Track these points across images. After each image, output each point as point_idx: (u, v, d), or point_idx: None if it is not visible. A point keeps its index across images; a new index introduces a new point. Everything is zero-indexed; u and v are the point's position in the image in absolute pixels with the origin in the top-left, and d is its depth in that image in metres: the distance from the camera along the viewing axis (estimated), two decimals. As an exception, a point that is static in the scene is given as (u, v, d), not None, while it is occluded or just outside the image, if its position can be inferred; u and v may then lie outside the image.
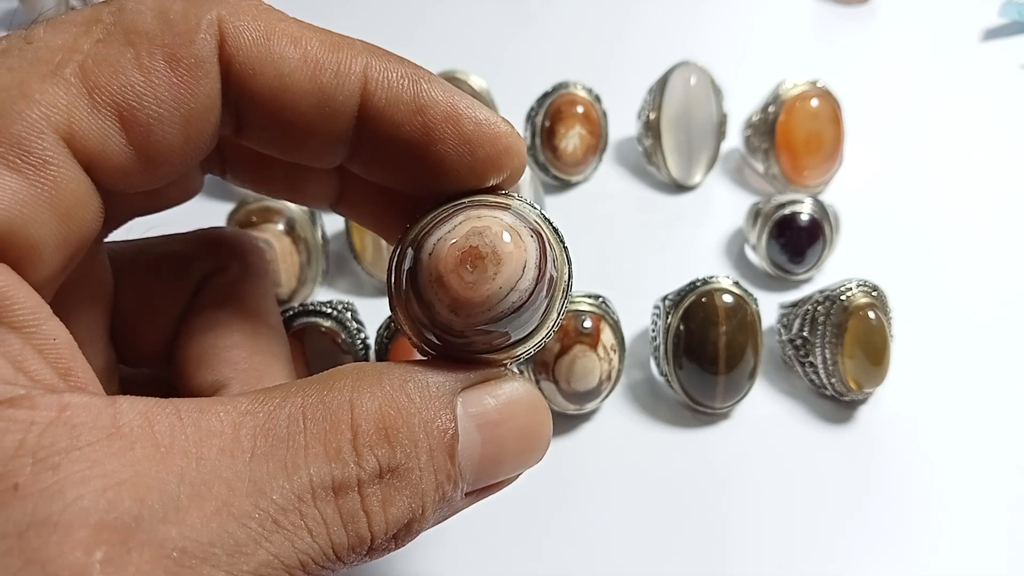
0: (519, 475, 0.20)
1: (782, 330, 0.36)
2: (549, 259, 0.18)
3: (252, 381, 0.22)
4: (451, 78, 0.45)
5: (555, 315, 0.19)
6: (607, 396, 0.34)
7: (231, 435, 0.15)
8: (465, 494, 0.18)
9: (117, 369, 0.23)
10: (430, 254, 0.17)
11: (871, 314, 0.33)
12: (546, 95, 0.45)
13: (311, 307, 0.34)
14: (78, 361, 0.17)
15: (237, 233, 0.26)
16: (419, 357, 0.19)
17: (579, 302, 0.33)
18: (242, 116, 0.19)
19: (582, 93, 0.45)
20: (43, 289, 0.17)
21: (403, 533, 0.17)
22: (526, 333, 0.18)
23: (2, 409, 0.14)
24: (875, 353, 0.33)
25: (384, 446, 0.16)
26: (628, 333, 0.35)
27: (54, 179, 0.16)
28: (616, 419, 0.35)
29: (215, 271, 0.24)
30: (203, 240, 0.25)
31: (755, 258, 0.41)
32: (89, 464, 0.13)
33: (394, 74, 0.19)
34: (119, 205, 0.20)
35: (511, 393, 0.19)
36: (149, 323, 0.23)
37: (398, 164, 0.20)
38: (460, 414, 0.18)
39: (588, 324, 0.33)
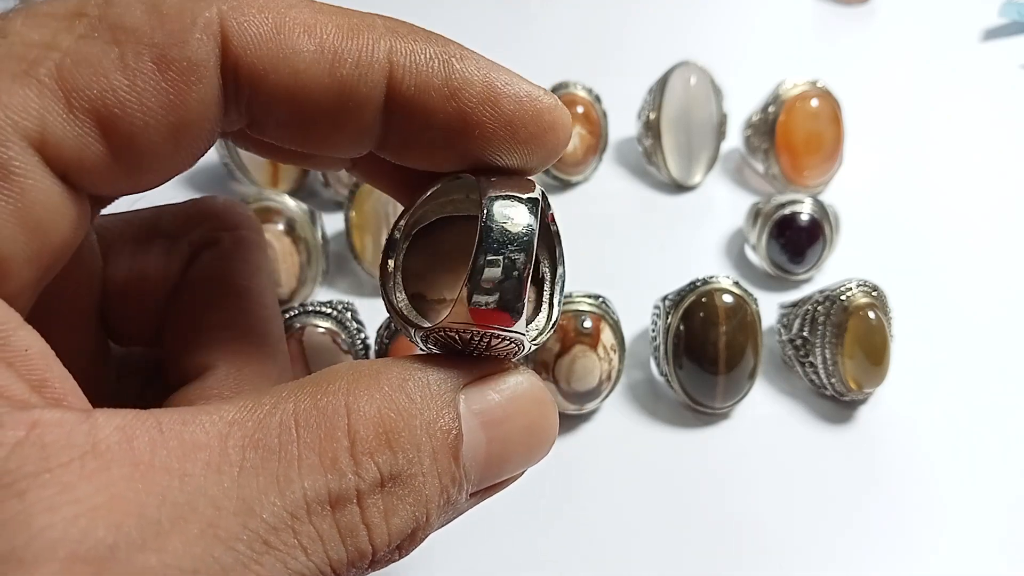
0: (523, 473, 0.19)
1: (782, 330, 0.36)
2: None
3: (240, 363, 0.21)
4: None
5: (556, 307, 0.19)
6: (607, 396, 0.34)
7: (217, 448, 0.14)
8: (469, 495, 0.18)
9: (108, 351, 0.22)
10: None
11: (871, 314, 0.33)
12: (546, 95, 0.45)
13: (311, 307, 0.34)
14: (54, 371, 0.15)
15: (229, 203, 0.24)
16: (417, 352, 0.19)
17: (579, 302, 0.33)
18: (255, 116, 0.18)
19: (582, 93, 0.45)
20: (16, 299, 0.16)
21: (407, 543, 0.16)
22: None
23: None
24: (875, 353, 0.33)
25: (385, 452, 0.15)
26: (628, 333, 0.35)
27: (21, 190, 0.15)
28: (616, 419, 0.35)
29: (206, 244, 0.22)
30: (193, 212, 0.23)
31: (755, 258, 0.41)
32: (60, 489, 0.12)
33: (422, 56, 0.17)
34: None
35: (515, 387, 0.18)
36: (139, 302, 0.22)
37: (433, 150, 0.18)
38: (463, 412, 0.17)
39: (588, 324, 0.33)
